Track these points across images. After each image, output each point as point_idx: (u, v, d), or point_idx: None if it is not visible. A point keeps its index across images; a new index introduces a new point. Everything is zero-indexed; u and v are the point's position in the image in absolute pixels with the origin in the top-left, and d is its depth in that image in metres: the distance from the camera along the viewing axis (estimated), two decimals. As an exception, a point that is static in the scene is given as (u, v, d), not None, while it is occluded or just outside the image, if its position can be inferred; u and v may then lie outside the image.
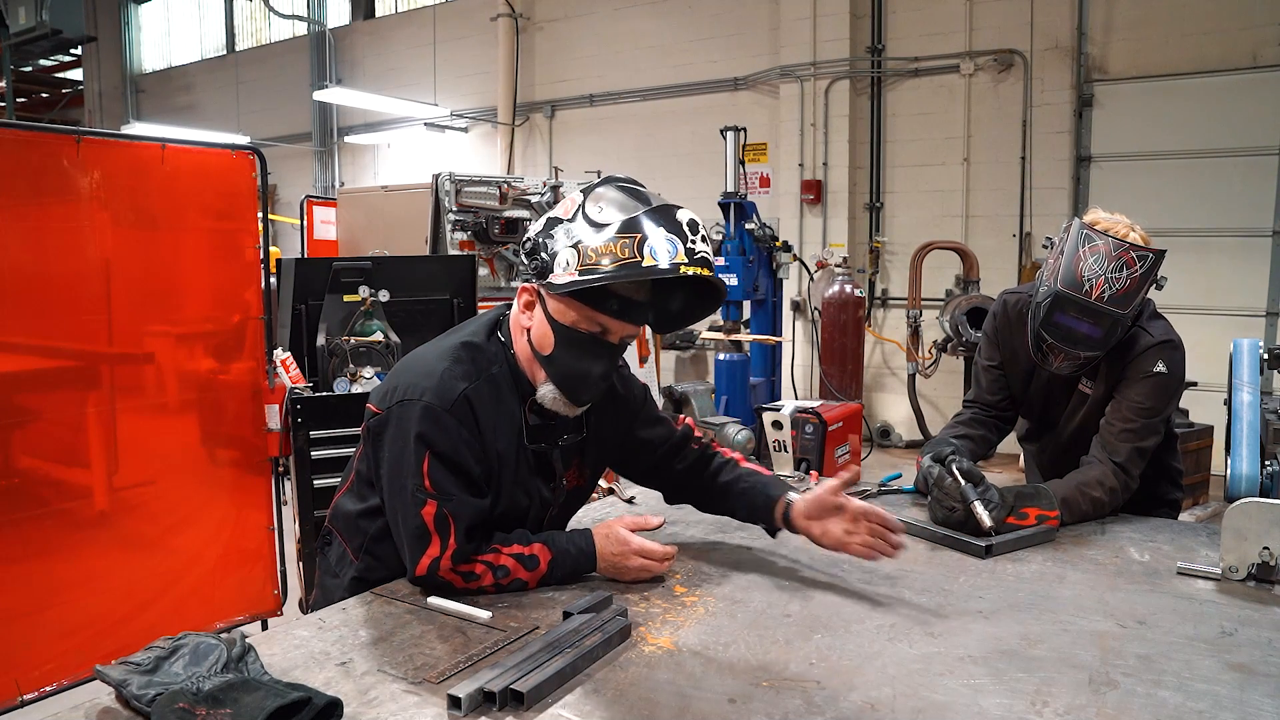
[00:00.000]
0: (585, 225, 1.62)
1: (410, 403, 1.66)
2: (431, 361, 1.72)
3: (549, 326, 1.70)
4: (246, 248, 3.79)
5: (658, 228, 1.60)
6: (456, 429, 1.65)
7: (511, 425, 1.75)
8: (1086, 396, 2.38)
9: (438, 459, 1.64)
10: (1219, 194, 7.10)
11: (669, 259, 1.58)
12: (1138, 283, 2.13)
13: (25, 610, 3.16)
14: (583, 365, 1.71)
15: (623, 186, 1.68)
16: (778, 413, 2.58)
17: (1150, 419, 2.25)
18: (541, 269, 1.66)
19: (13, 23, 11.69)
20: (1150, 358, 2.25)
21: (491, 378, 1.72)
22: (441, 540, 1.64)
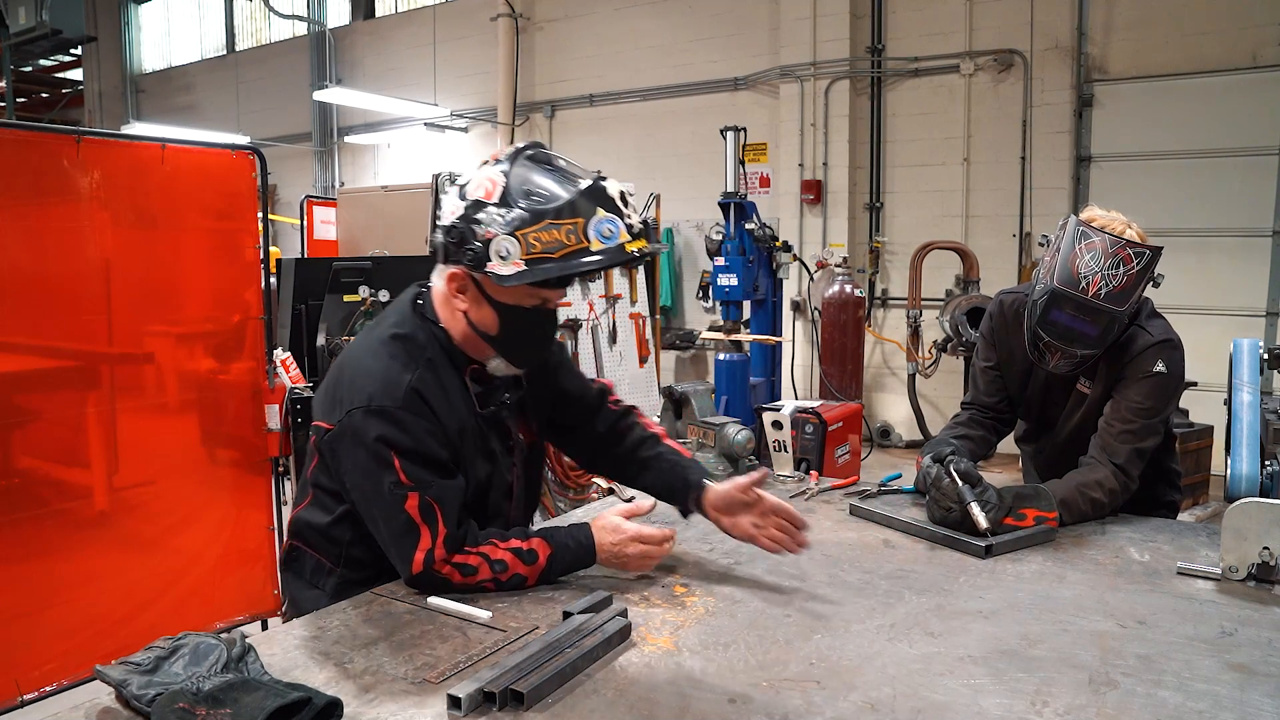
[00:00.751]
0: (519, 210, 1.59)
1: (359, 410, 1.64)
2: (368, 363, 1.71)
3: (490, 308, 1.70)
4: (246, 248, 3.79)
5: (596, 208, 1.60)
6: (414, 421, 1.64)
7: (460, 399, 1.75)
8: (1085, 396, 2.37)
9: (406, 456, 1.63)
10: (1219, 194, 7.10)
11: (615, 240, 1.60)
12: (1134, 280, 2.11)
13: (25, 610, 3.16)
14: (531, 338, 1.76)
15: (542, 163, 1.66)
16: (778, 413, 2.58)
17: (1150, 419, 2.24)
18: (477, 259, 1.62)
19: (13, 23, 11.68)
20: (1150, 357, 2.23)
21: (429, 362, 1.71)
22: (431, 530, 1.63)
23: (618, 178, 1.71)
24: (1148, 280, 2.16)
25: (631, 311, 5.81)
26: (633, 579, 1.79)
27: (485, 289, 1.69)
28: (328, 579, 1.80)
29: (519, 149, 1.68)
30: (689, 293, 9.55)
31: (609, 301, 5.67)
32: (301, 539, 1.85)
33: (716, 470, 2.54)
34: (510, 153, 1.67)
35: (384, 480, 1.63)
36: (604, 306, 5.65)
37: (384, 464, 1.63)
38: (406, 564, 1.64)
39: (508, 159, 1.66)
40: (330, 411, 1.71)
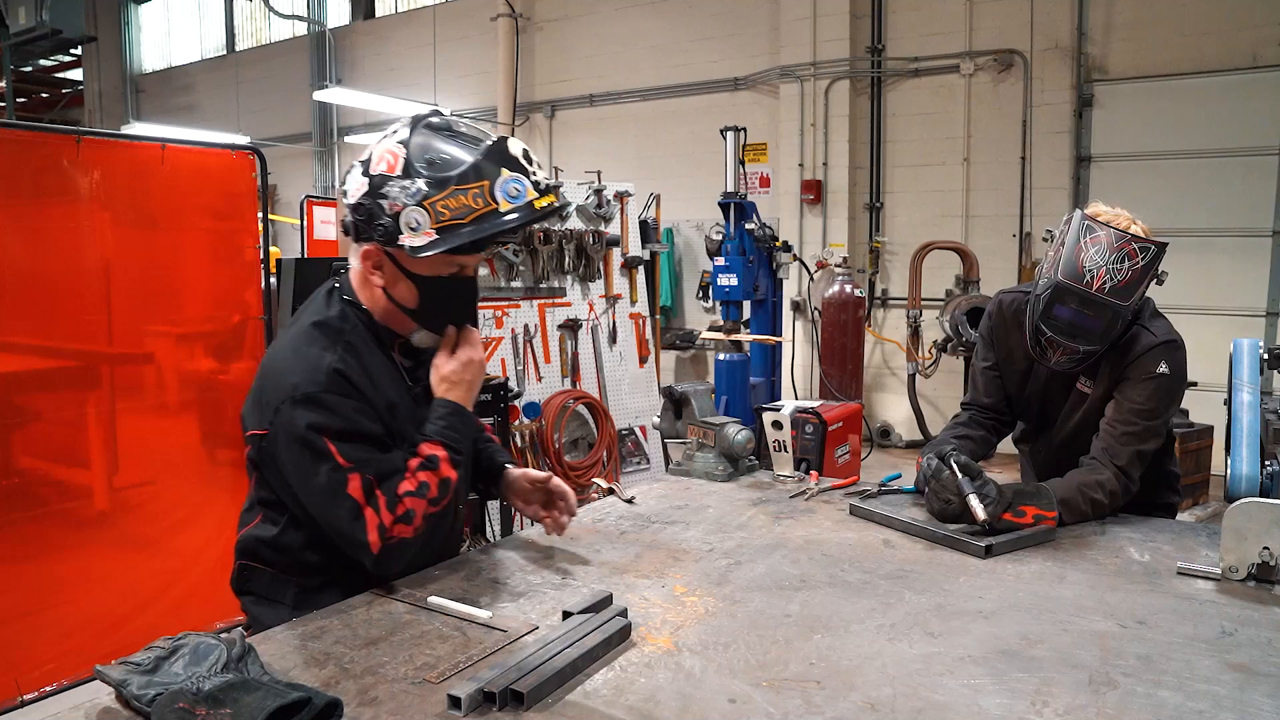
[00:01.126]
0: (423, 180, 1.59)
1: (286, 403, 1.62)
2: (288, 357, 1.69)
3: (408, 281, 1.70)
4: (246, 248, 3.79)
5: (500, 169, 1.61)
6: (341, 402, 1.62)
7: (389, 375, 1.75)
8: (1085, 396, 2.36)
9: (339, 437, 1.61)
10: (1219, 194, 7.10)
11: (523, 198, 1.61)
12: (1139, 274, 2.09)
13: (25, 610, 3.16)
14: (451, 307, 1.76)
15: (441, 130, 1.65)
16: (778, 413, 2.58)
17: (1152, 421, 2.23)
18: (388, 234, 1.62)
19: (13, 23, 11.68)
20: (1154, 358, 2.21)
21: (349, 344, 1.69)
22: (375, 508, 1.61)
23: (618, 178, 1.73)
24: (1152, 276, 2.14)
25: (631, 311, 5.81)
26: (633, 579, 1.79)
27: (400, 262, 1.68)
28: (285, 591, 1.76)
29: (416, 118, 1.67)
30: (689, 293, 9.55)
31: (609, 301, 5.67)
32: (251, 556, 1.81)
33: (716, 471, 2.54)
34: (408, 122, 1.67)
35: (322, 469, 1.60)
36: (604, 306, 5.65)
37: (319, 453, 1.60)
38: (365, 548, 1.61)
39: (406, 129, 1.65)
40: (260, 417, 1.68)
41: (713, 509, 2.27)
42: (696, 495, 2.40)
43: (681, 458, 2.66)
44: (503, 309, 5.15)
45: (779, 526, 2.13)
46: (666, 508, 2.28)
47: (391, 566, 1.66)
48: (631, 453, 5.76)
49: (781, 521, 2.17)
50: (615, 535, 2.08)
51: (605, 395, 5.60)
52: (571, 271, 5.47)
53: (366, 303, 1.76)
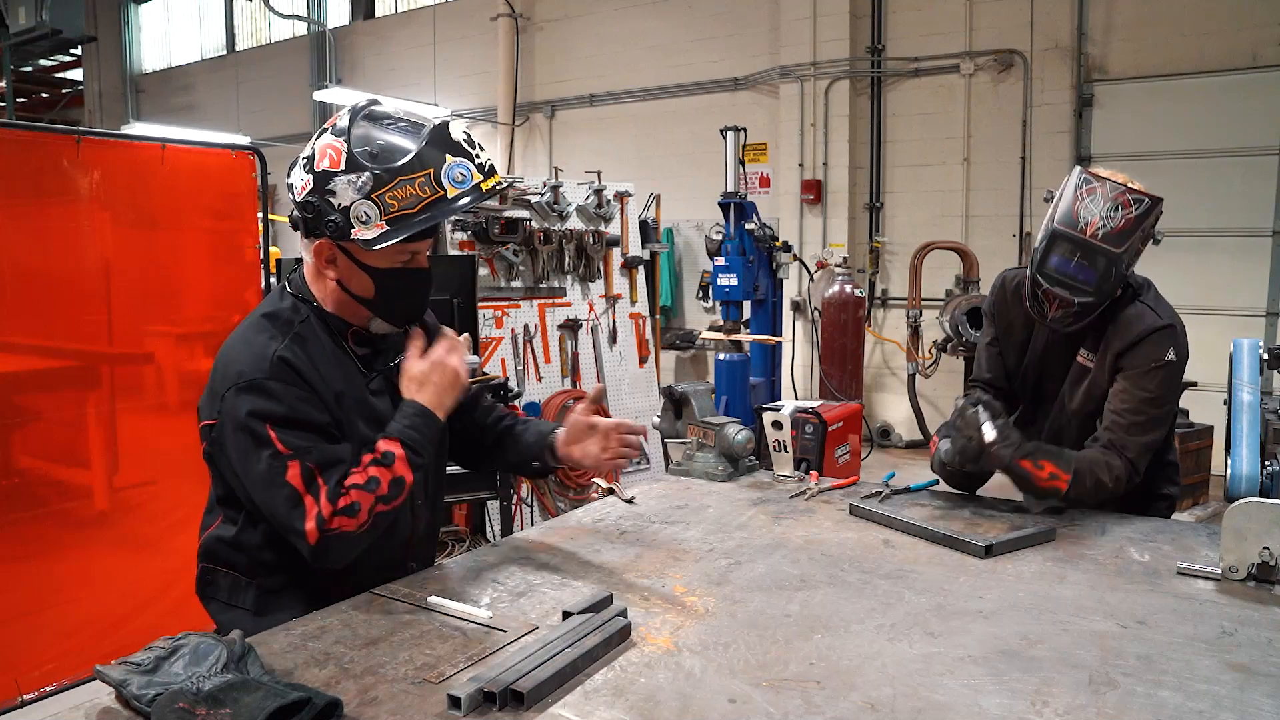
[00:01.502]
0: (368, 173, 1.60)
1: (231, 390, 1.62)
2: (236, 347, 1.69)
3: (363, 273, 1.70)
4: (246, 248, 3.79)
5: (445, 155, 1.62)
6: (284, 389, 1.61)
7: (340, 365, 1.73)
8: (1086, 370, 2.34)
9: (281, 424, 1.60)
10: (1219, 194, 7.10)
11: (469, 182, 1.63)
12: (1133, 224, 2.13)
13: (25, 610, 3.16)
14: (407, 295, 1.76)
15: (380, 119, 1.65)
16: (778, 413, 2.58)
17: (1160, 409, 2.23)
18: (338, 228, 1.62)
19: (13, 23, 11.68)
20: (1161, 344, 2.22)
21: (297, 335, 1.68)
22: (315, 496, 1.58)
23: (618, 178, 1.74)
24: (1148, 229, 2.17)
25: (631, 311, 5.81)
26: (633, 579, 1.79)
27: (354, 255, 1.68)
28: (246, 594, 1.75)
29: (354, 109, 1.67)
30: (689, 293, 9.55)
31: (609, 301, 5.68)
32: (212, 559, 1.79)
33: (716, 471, 2.54)
34: (346, 114, 1.66)
35: (263, 455, 1.59)
36: (604, 306, 5.65)
37: (260, 439, 1.59)
38: (302, 537, 1.58)
39: (345, 121, 1.65)
40: (210, 407, 1.68)
41: (713, 509, 2.27)
42: (696, 495, 2.40)
43: (681, 458, 2.66)
44: (503, 309, 5.15)
45: (779, 526, 2.13)
46: (666, 508, 2.28)
47: (329, 559, 1.61)
48: (631, 453, 5.75)
49: (781, 521, 2.17)
50: (615, 535, 2.08)
51: (605, 395, 5.60)
52: (571, 271, 5.47)
53: (319, 296, 1.75)
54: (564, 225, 5.42)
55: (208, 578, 1.80)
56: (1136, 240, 2.16)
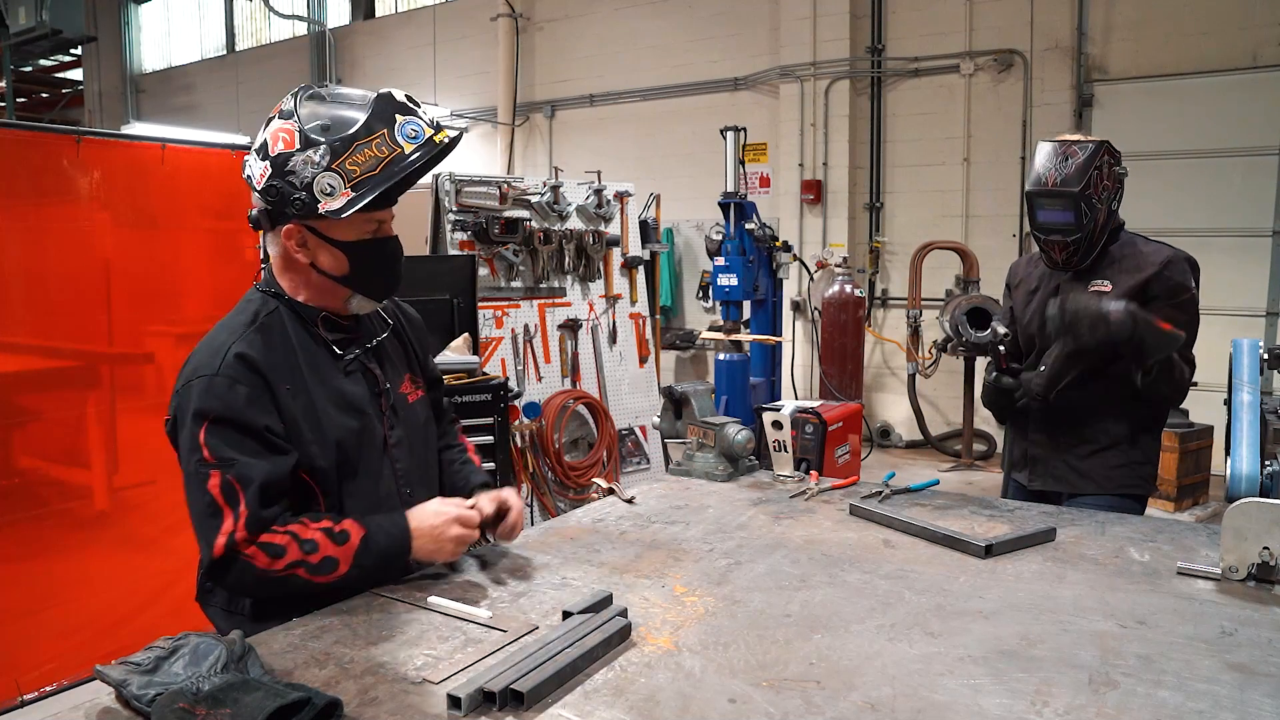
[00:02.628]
0: (325, 147, 1.61)
1: (182, 389, 1.63)
2: (200, 345, 1.70)
3: (334, 249, 1.70)
4: (246, 248, 3.79)
5: (394, 115, 1.66)
6: (230, 388, 1.59)
7: (311, 352, 1.73)
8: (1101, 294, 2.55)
9: (215, 426, 1.58)
10: (1219, 194, 7.09)
11: (422, 137, 1.67)
12: (1083, 165, 2.52)
13: (25, 610, 3.16)
14: (381, 266, 1.77)
15: (323, 98, 1.68)
16: (778, 413, 2.58)
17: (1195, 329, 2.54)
18: (305, 205, 1.63)
19: (13, 23, 11.68)
20: (1184, 271, 2.54)
21: (262, 325, 1.69)
22: (233, 511, 1.55)
23: (618, 178, 1.75)
24: (1104, 167, 2.55)
25: (631, 311, 5.81)
26: (633, 579, 1.79)
27: (323, 233, 1.69)
28: (241, 600, 1.72)
29: (294, 94, 1.69)
30: (689, 293, 9.55)
31: (609, 301, 5.68)
32: None
33: (716, 471, 2.54)
34: (289, 99, 1.69)
35: (193, 459, 1.59)
36: (604, 306, 5.65)
37: (194, 442, 1.58)
38: (209, 548, 1.56)
39: (289, 105, 1.67)
40: (171, 402, 1.68)
41: (713, 509, 2.27)
42: (696, 495, 2.40)
43: (681, 458, 2.66)
44: (503, 309, 5.15)
45: (779, 526, 2.13)
46: (666, 508, 2.28)
47: (226, 580, 1.60)
48: (631, 453, 5.76)
49: (781, 521, 2.17)
50: (615, 535, 2.08)
51: (605, 395, 5.61)
52: (571, 271, 5.47)
53: (288, 288, 1.76)
54: (564, 225, 5.42)
55: (207, 585, 1.77)
56: (1095, 177, 2.52)
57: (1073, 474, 2.64)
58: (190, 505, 1.60)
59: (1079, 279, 2.64)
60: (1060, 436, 2.66)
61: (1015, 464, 2.81)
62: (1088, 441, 2.62)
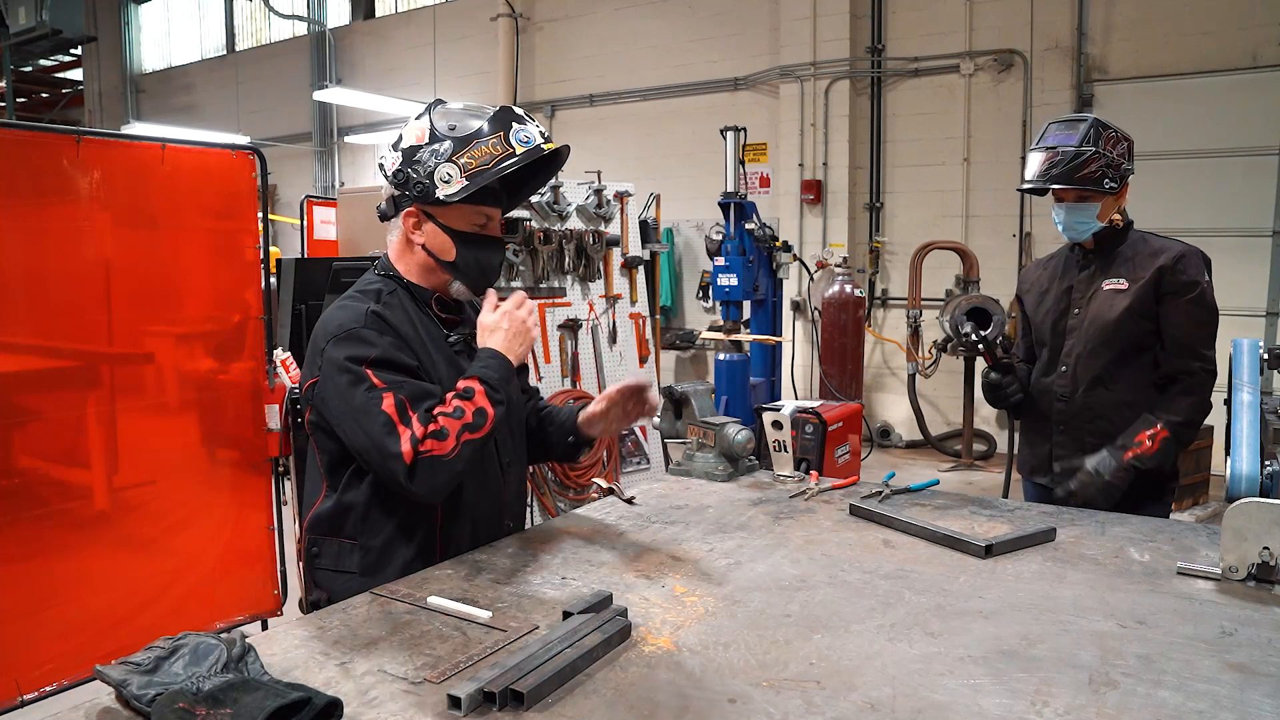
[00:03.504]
0: (450, 143, 1.85)
1: (330, 342, 1.80)
2: (333, 313, 1.88)
3: (445, 235, 1.92)
4: (246, 248, 3.79)
5: (511, 122, 1.88)
6: (378, 336, 1.80)
7: (427, 329, 1.93)
8: (1114, 294, 2.61)
9: (375, 365, 1.76)
10: (1219, 194, 7.10)
11: (533, 142, 1.88)
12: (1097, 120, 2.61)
13: (25, 610, 3.16)
14: (483, 257, 1.96)
15: (455, 108, 1.91)
16: (778, 413, 2.58)
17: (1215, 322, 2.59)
18: (425, 191, 1.85)
19: (13, 23, 11.69)
20: (1196, 266, 2.56)
21: (386, 301, 1.89)
22: (407, 424, 1.72)
23: (618, 178, 1.84)
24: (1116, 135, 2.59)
25: (631, 311, 5.81)
26: (633, 579, 1.79)
27: (437, 219, 1.91)
28: (351, 557, 1.88)
29: (431, 104, 1.93)
30: (689, 293, 9.55)
31: (609, 301, 5.68)
32: (319, 530, 1.93)
33: (716, 471, 2.54)
34: (425, 108, 1.93)
35: (359, 391, 1.75)
36: (604, 306, 5.65)
37: (358, 377, 1.75)
38: (398, 459, 1.70)
39: (425, 111, 1.91)
40: (312, 365, 1.85)
41: (713, 509, 2.27)
42: (696, 495, 2.40)
43: (681, 458, 2.66)
44: (503, 309, 5.14)
45: (779, 526, 2.13)
46: (666, 508, 2.28)
47: (424, 483, 1.72)
48: (631, 453, 5.76)
49: (781, 521, 2.17)
50: (615, 535, 2.08)
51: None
52: (571, 271, 5.47)
53: (404, 270, 1.96)
54: (564, 225, 5.42)
55: (314, 550, 1.93)
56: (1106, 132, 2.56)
57: None
58: (364, 433, 1.73)
59: (1092, 280, 2.67)
60: (1085, 439, 2.66)
61: (1035, 468, 2.81)
62: (1113, 442, 2.63)
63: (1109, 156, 2.56)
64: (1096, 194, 2.58)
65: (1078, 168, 2.55)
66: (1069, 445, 2.69)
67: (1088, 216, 2.61)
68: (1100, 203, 2.60)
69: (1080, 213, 2.62)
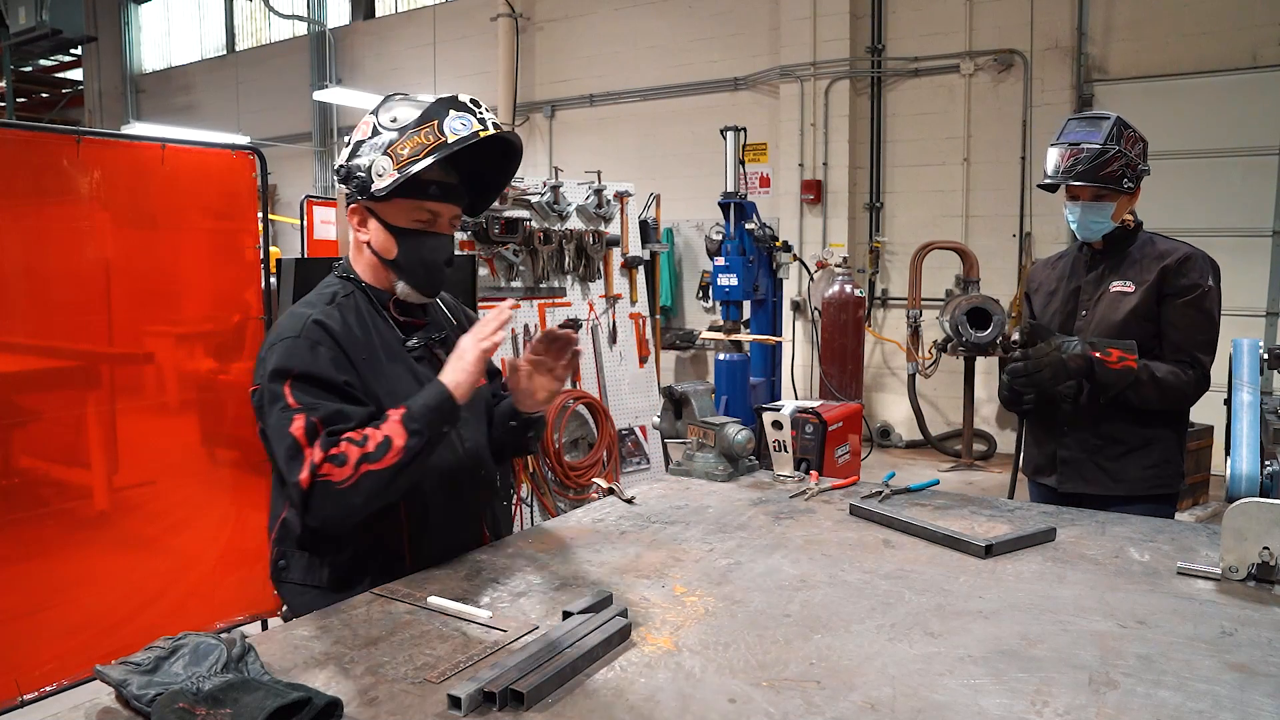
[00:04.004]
0: (386, 133, 1.79)
1: (266, 353, 1.74)
2: (281, 320, 1.83)
3: (386, 232, 1.84)
4: (246, 248, 3.79)
5: (449, 109, 1.80)
6: (310, 348, 1.71)
7: (381, 333, 1.84)
8: (1123, 295, 2.60)
9: (299, 381, 1.68)
10: (1219, 194, 7.10)
11: (467, 129, 1.78)
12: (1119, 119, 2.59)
13: (25, 610, 3.16)
14: (426, 256, 1.87)
15: (403, 99, 1.86)
16: (778, 413, 2.58)
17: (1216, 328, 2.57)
18: (362, 186, 1.79)
19: (13, 23, 11.69)
20: (1201, 268, 2.56)
21: (339, 304, 1.82)
22: (312, 447, 1.63)
23: (618, 178, 1.80)
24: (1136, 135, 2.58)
25: (631, 311, 5.81)
26: (633, 579, 1.79)
27: (379, 215, 1.84)
28: (320, 572, 1.81)
29: (385, 97, 1.88)
30: (689, 293, 9.55)
31: (609, 301, 5.68)
32: (286, 542, 1.85)
33: (716, 471, 2.54)
34: (379, 101, 1.88)
35: (275, 409, 1.67)
36: (604, 306, 5.65)
37: (276, 394, 1.68)
38: (296, 486, 1.62)
39: (377, 103, 1.87)
40: (255, 373, 1.78)
41: (713, 509, 2.27)
42: (696, 495, 2.40)
43: (681, 458, 2.66)
44: (503, 309, 5.14)
45: (779, 526, 2.13)
46: (666, 508, 2.28)
47: (316, 513, 1.63)
48: (631, 453, 5.76)
49: (781, 521, 2.17)
50: (615, 535, 2.08)
51: (605, 395, 5.60)
52: (571, 271, 5.47)
53: (360, 271, 1.89)
54: (564, 225, 5.42)
55: (281, 562, 1.85)
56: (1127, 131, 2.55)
57: (1104, 475, 2.65)
58: (275, 456, 1.68)
59: (1100, 281, 2.67)
60: (1090, 438, 2.67)
61: (1041, 468, 2.81)
62: (1119, 442, 2.63)
63: (1129, 156, 2.55)
64: (1114, 193, 2.57)
65: (1101, 165, 2.53)
66: (1075, 446, 2.69)
67: (1103, 216, 2.61)
68: (1116, 203, 2.60)
69: (1096, 212, 2.61)
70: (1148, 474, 2.62)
